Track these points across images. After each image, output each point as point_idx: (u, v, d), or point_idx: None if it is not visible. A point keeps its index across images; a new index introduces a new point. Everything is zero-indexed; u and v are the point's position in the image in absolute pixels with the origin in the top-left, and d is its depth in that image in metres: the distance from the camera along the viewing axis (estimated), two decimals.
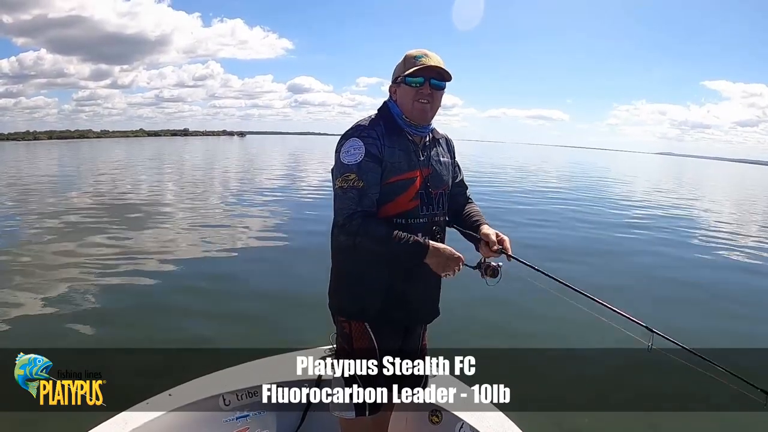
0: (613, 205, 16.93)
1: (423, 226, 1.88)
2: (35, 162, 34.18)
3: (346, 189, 1.79)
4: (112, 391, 3.49)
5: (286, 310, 5.60)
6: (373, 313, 1.92)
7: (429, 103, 1.89)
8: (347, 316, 1.96)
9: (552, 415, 3.67)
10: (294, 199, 15.06)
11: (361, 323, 1.93)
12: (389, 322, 1.95)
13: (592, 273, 7.72)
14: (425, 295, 2.00)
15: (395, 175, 1.85)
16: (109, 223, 10.63)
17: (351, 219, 1.77)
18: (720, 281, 7.93)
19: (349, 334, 1.95)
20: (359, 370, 1.93)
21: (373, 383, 1.95)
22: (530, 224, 11.80)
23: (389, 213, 1.84)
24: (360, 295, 1.92)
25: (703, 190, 30.33)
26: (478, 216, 2.11)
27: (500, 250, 1.92)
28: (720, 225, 14.34)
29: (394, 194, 1.85)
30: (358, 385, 1.94)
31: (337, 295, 2.00)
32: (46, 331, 4.80)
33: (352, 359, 1.93)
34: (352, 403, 1.94)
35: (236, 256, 8.10)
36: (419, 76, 1.85)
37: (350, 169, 1.79)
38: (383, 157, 1.83)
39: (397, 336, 2.00)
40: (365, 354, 1.93)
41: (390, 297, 1.91)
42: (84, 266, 7.10)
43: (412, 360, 2.10)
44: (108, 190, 16.76)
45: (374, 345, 1.93)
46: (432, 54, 1.88)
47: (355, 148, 1.81)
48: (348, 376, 1.94)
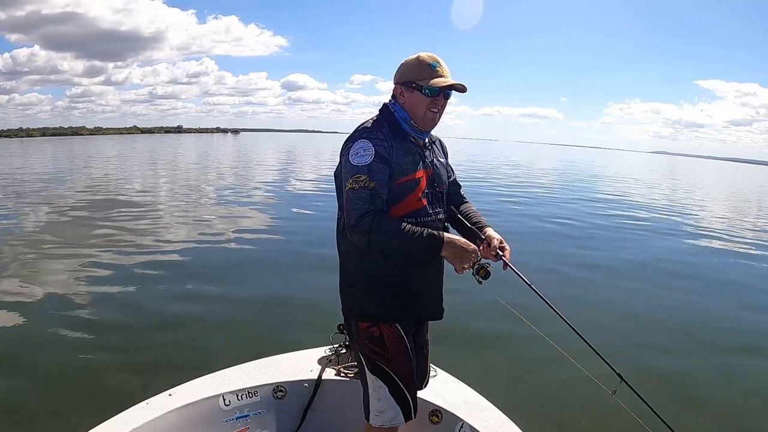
0: (610, 206, 16.97)
1: (431, 225, 1.89)
2: (28, 158, 33.98)
3: (358, 190, 1.78)
4: (112, 391, 3.50)
5: (286, 310, 5.59)
6: (399, 313, 1.93)
7: (439, 112, 1.92)
8: (374, 320, 1.94)
9: (552, 415, 3.69)
10: (293, 200, 14.96)
11: (391, 326, 1.93)
12: (406, 319, 1.96)
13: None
14: (435, 290, 2.03)
15: (403, 177, 1.86)
16: (105, 222, 10.56)
17: (363, 218, 1.76)
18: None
19: (380, 337, 1.93)
20: (399, 372, 1.94)
21: (413, 384, 1.99)
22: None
23: (398, 214, 1.85)
24: (382, 297, 1.92)
25: (698, 190, 30.35)
26: (480, 217, 2.14)
27: (499, 256, 1.93)
28: (711, 225, 14.43)
29: (402, 195, 1.86)
30: (400, 386, 1.94)
31: (354, 299, 1.99)
32: (44, 333, 4.75)
33: (389, 362, 1.93)
34: (399, 408, 1.95)
35: (236, 256, 8.07)
36: (436, 87, 1.86)
37: (361, 170, 1.78)
38: (391, 159, 1.83)
39: (412, 332, 2.02)
40: (401, 354, 1.93)
41: (405, 295, 1.92)
42: (81, 266, 7.05)
43: (420, 355, 2.12)
44: (102, 188, 16.68)
45: (407, 344, 1.94)
46: (442, 62, 1.89)
47: (364, 149, 1.81)
48: (391, 382, 1.94)
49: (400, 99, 1.93)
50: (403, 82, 1.91)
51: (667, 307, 6.33)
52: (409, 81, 1.89)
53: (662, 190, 26.84)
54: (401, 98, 1.93)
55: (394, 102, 1.96)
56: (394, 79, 1.95)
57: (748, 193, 33.09)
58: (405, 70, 1.92)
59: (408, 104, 1.91)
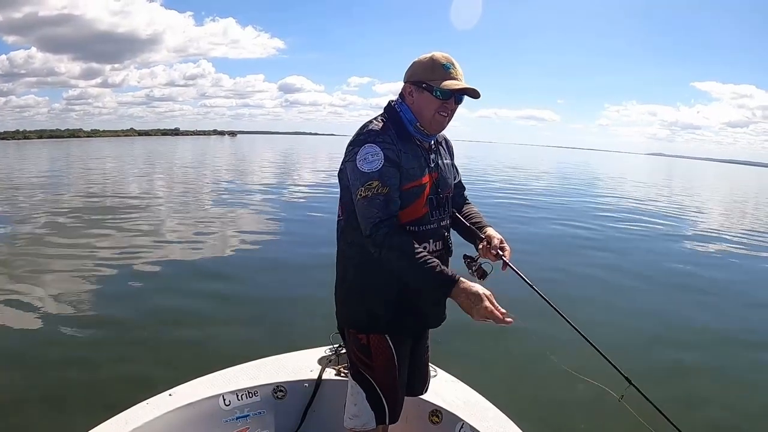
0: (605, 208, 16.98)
1: (434, 232, 1.84)
2: (24, 161, 33.89)
3: (372, 197, 1.69)
4: (112, 391, 3.49)
5: (286, 310, 5.59)
6: (390, 324, 1.88)
7: (448, 116, 1.82)
8: (363, 329, 1.91)
9: (552, 415, 3.68)
10: (293, 200, 15.02)
11: (380, 336, 1.88)
12: (402, 330, 1.92)
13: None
14: (434, 301, 1.94)
15: (410, 182, 1.77)
16: (104, 223, 10.53)
17: (378, 229, 1.68)
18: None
19: (367, 346, 1.90)
20: (381, 382, 1.91)
21: (394, 393, 1.94)
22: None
23: (402, 220, 1.77)
24: (374, 307, 1.87)
25: (701, 192, 30.08)
26: (481, 218, 2.08)
27: (499, 255, 1.87)
28: (705, 227, 14.45)
29: (408, 201, 1.77)
30: (379, 395, 1.91)
31: (348, 306, 1.96)
32: (43, 333, 4.75)
33: (373, 371, 1.91)
34: (373, 413, 1.93)
35: (236, 256, 8.07)
36: (448, 90, 1.76)
37: (372, 176, 1.69)
38: (401, 163, 1.75)
39: (409, 341, 1.98)
40: (386, 366, 1.90)
41: (403, 306, 1.86)
42: (80, 267, 7.04)
43: (420, 362, 2.10)
44: (100, 190, 16.64)
45: (393, 356, 1.89)
46: (457, 64, 1.79)
47: (372, 154, 1.71)
48: (370, 389, 1.92)
49: (408, 99, 1.83)
50: (414, 81, 1.80)
51: (674, 308, 6.31)
52: (421, 81, 1.78)
53: (660, 191, 26.85)
54: (410, 98, 1.82)
55: (401, 102, 1.86)
56: (405, 77, 1.84)
57: (755, 195, 32.99)
58: (417, 69, 1.81)
59: (416, 105, 1.81)
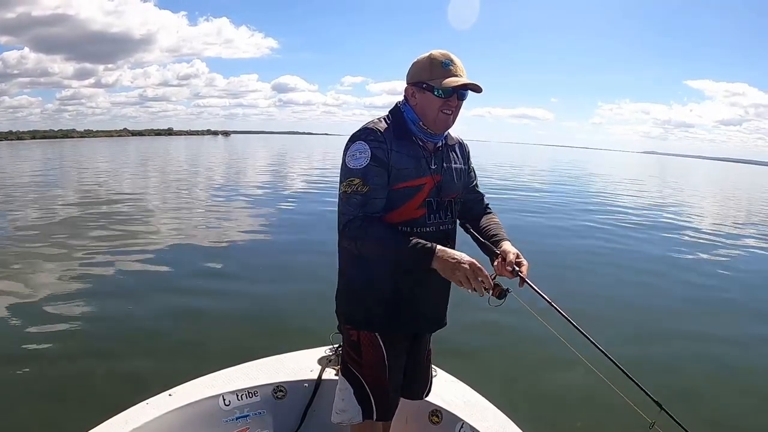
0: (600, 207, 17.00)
1: (430, 236, 1.78)
2: (17, 161, 33.69)
3: (350, 194, 1.73)
4: (112, 391, 3.48)
5: (285, 310, 5.59)
6: (381, 323, 1.87)
7: (452, 114, 1.80)
8: (356, 325, 1.92)
9: (552, 415, 3.69)
10: (291, 200, 14.89)
11: (371, 334, 1.88)
12: (397, 330, 1.91)
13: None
14: (433, 302, 1.94)
15: (402, 182, 1.77)
16: (101, 223, 10.45)
17: (351, 223, 1.72)
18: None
19: (357, 343, 1.90)
20: (369, 379, 1.90)
21: (382, 391, 1.92)
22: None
23: (394, 221, 1.77)
24: (368, 303, 1.87)
25: (704, 193, 29.52)
26: (498, 230, 1.99)
27: (515, 272, 1.75)
28: (698, 226, 14.51)
29: (400, 201, 1.77)
30: (367, 392, 1.91)
31: (344, 302, 1.96)
32: (43, 333, 4.72)
33: (361, 368, 1.90)
34: (360, 408, 1.91)
35: (235, 256, 8.05)
36: (449, 87, 1.74)
37: (355, 173, 1.72)
38: (390, 162, 1.75)
39: (405, 342, 1.97)
40: (375, 364, 1.89)
41: (398, 304, 1.85)
42: (78, 267, 7.01)
43: (419, 366, 2.09)
44: (94, 190, 16.51)
45: (383, 354, 1.89)
46: (456, 60, 1.77)
47: (360, 151, 1.73)
48: (358, 385, 1.92)
49: (411, 100, 1.82)
50: (415, 83, 1.79)
51: (701, 319, 6.00)
52: (421, 81, 1.77)
53: (658, 192, 26.79)
54: (413, 99, 1.81)
55: (405, 103, 1.85)
56: (406, 79, 1.83)
57: (755, 193, 32.87)
58: (416, 70, 1.80)
59: (420, 106, 1.80)
